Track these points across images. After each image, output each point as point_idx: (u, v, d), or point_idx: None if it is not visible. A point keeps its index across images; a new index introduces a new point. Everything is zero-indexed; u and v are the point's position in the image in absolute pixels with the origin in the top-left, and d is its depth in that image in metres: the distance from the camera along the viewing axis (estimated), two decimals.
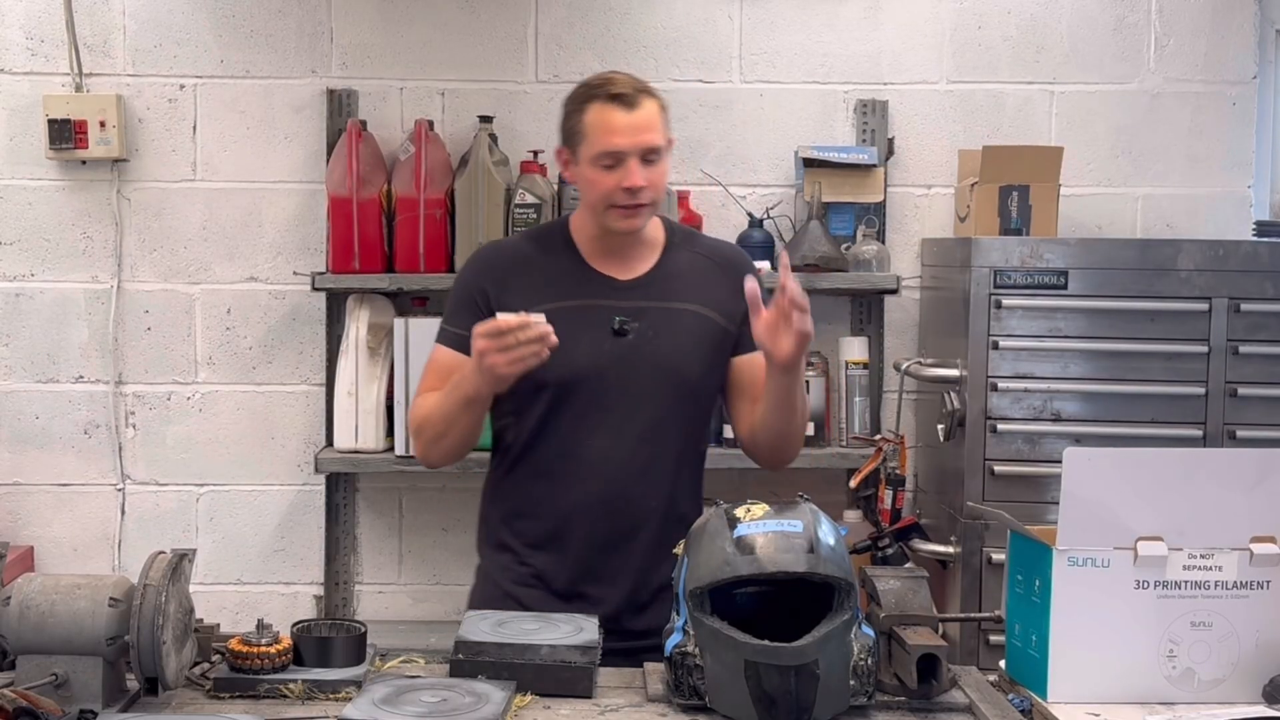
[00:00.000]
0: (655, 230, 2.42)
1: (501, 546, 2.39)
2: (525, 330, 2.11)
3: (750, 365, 2.40)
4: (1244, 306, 3.24)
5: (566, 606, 2.23)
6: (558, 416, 2.31)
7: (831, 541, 1.80)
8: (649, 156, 2.28)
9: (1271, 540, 1.85)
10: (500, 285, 2.34)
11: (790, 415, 2.35)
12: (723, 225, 3.73)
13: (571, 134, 2.34)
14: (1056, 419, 3.26)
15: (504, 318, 2.13)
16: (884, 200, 3.73)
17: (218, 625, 2.00)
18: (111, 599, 1.79)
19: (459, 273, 2.46)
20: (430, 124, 3.58)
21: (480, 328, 2.14)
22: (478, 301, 2.34)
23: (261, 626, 1.90)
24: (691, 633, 1.80)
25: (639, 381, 2.31)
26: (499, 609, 2.31)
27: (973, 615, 2.85)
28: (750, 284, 2.20)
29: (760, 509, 1.83)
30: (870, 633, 1.82)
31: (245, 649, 1.87)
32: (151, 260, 3.75)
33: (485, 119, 3.59)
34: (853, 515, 3.55)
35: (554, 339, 2.13)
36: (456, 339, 2.34)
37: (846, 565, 1.79)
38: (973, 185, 3.52)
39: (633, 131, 2.26)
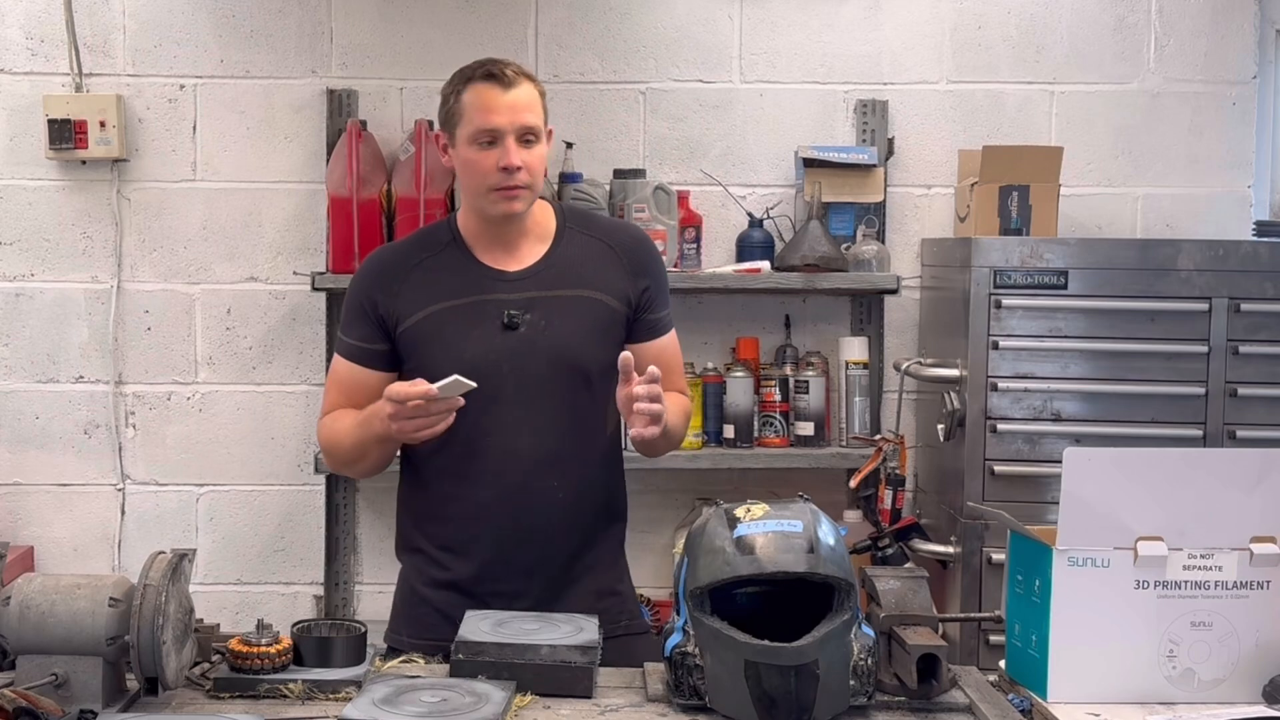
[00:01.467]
0: (545, 218, 2.38)
1: (415, 550, 2.38)
2: (432, 403, 2.09)
3: (649, 357, 2.33)
4: (1244, 306, 3.24)
5: (481, 607, 2.18)
6: (458, 416, 2.25)
7: (831, 541, 1.80)
8: (526, 137, 2.26)
9: (1271, 540, 1.85)
10: (388, 292, 2.32)
11: (652, 450, 2.34)
12: (723, 225, 3.74)
13: (450, 116, 2.30)
14: (1056, 419, 3.26)
15: (412, 389, 2.09)
16: (884, 200, 3.73)
17: (218, 625, 2.00)
18: (111, 599, 1.79)
19: (351, 281, 2.42)
20: (430, 124, 3.57)
21: (390, 391, 2.12)
22: (368, 311, 2.33)
23: (261, 626, 1.90)
24: (691, 633, 1.80)
25: (534, 373, 2.28)
26: (415, 613, 2.34)
27: (973, 615, 2.85)
28: (624, 355, 2.18)
29: (760, 509, 1.83)
30: (870, 633, 1.82)
31: (245, 649, 1.87)
32: (151, 260, 3.75)
33: None
34: (853, 515, 3.55)
35: (459, 403, 2.12)
36: (353, 350, 2.34)
37: (846, 565, 1.79)
38: (973, 185, 3.52)
39: (509, 110, 2.24)
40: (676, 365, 2.45)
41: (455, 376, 2.09)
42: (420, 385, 2.10)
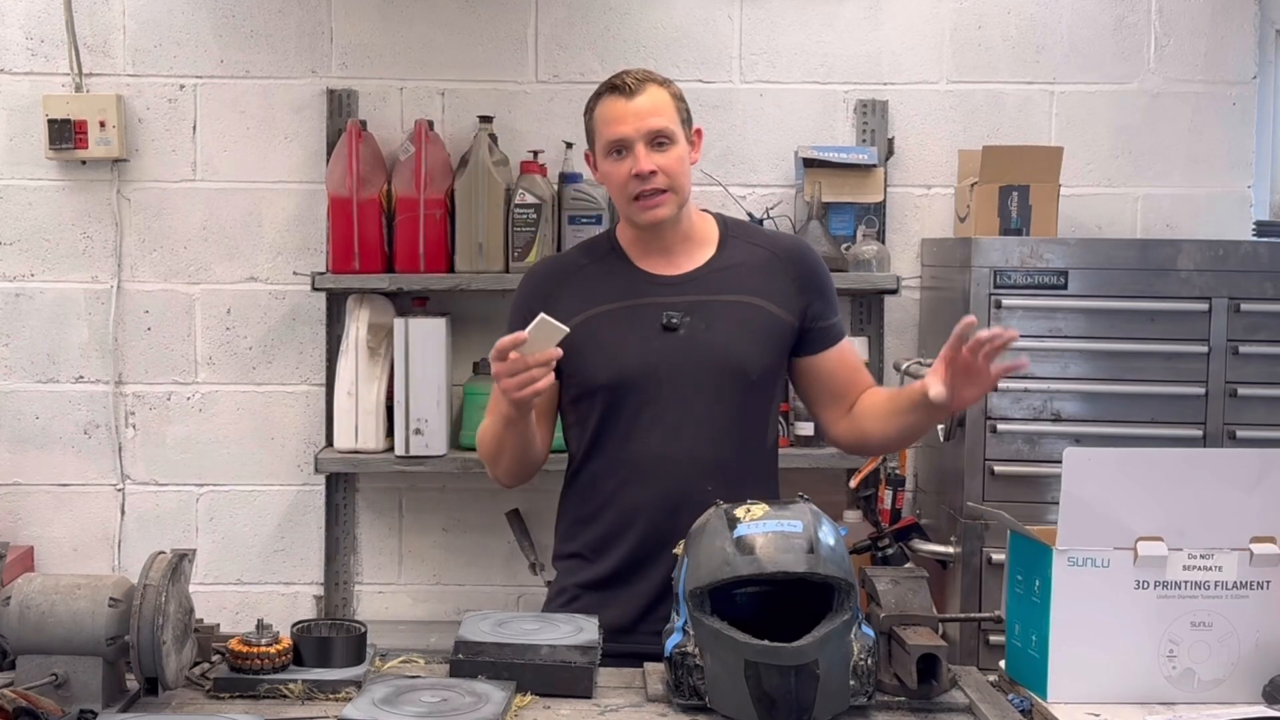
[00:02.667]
0: (707, 228, 2.39)
1: (570, 555, 2.37)
2: (529, 357, 2.07)
3: (831, 364, 2.37)
4: (1244, 306, 3.24)
5: (621, 606, 2.18)
6: (614, 418, 2.28)
7: (831, 541, 1.80)
8: (658, 140, 2.26)
9: (1271, 540, 1.85)
10: (547, 298, 2.32)
11: (921, 435, 2.37)
12: None
13: (589, 135, 2.35)
14: (1056, 419, 3.26)
15: (505, 339, 2.08)
16: (884, 200, 3.73)
17: (218, 625, 2.00)
18: (111, 599, 1.79)
19: (516, 290, 2.44)
20: (430, 124, 3.58)
21: (493, 351, 2.10)
22: (527, 319, 2.30)
23: (261, 626, 1.90)
24: (691, 633, 1.80)
25: (693, 376, 2.27)
26: (565, 613, 2.29)
27: (973, 615, 2.85)
28: (967, 320, 2.14)
29: (760, 509, 1.83)
30: (870, 633, 1.82)
31: (245, 649, 1.87)
32: (151, 260, 3.75)
33: (485, 119, 3.60)
34: (853, 515, 3.55)
35: (556, 357, 2.09)
36: None
37: (846, 565, 1.79)
38: (973, 185, 3.52)
39: (634, 118, 2.25)
40: (861, 366, 2.46)
41: (542, 316, 2.06)
42: (514, 335, 2.08)
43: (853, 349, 2.45)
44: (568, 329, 2.08)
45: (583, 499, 2.36)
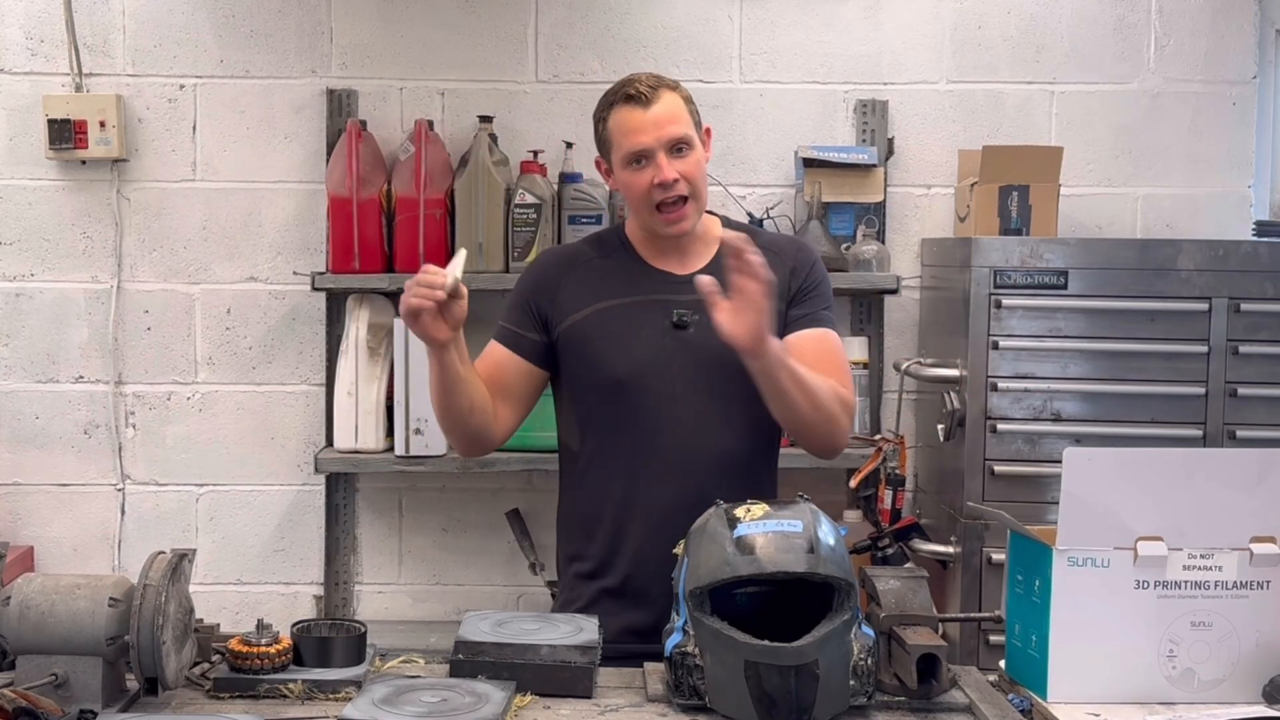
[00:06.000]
0: (712, 225, 2.39)
1: (578, 556, 2.36)
2: (435, 276, 2.07)
3: (790, 346, 2.30)
4: (1244, 306, 3.24)
5: (634, 607, 2.17)
6: (623, 415, 2.28)
7: (831, 541, 1.80)
8: (677, 147, 2.26)
9: (1271, 540, 1.85)
10: (553, 288, 2.34)
11: (789, 405, 2.20)
12: None
13: (603, 144, 2.35)
14: (1056, 419, 3.26)
15: (427, 268, 2.10)
16: (884, 200, 3.73)
17: (218, 625, 2.00)
18: (111, 599, 1.79)
19: (519, 277, 2.44)
20: (430, 124, 3.58)
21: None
22: (529, 306, 2.34)
23: (261, 626, 1.90)
24: (691, 633, 1.80)
25: (705, 372, 2.26)
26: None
27: (973, 615, 2.86)
28: (705, 278, 2.10)
29: (760, 509, 1.83)
30: (870, 633, 1.82)
31: (245, 649, 1.87)
32: (151, 260, 3.75)
33: (485, 119, 3.60)
34: (853, 515, 3.55)
35: (454, 287, 2.07)
36: (505, 334, 2.36)
37: (846, 565, 1.79)
38: (973, 185, 3.52)
39: (654, 127, 2.25)
40: (834, 360, 2.32)
41: (463, 251, 2.13)
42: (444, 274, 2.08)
43: (828, 341, 2.33)
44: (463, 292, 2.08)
45: (590, 497, 2.34)
